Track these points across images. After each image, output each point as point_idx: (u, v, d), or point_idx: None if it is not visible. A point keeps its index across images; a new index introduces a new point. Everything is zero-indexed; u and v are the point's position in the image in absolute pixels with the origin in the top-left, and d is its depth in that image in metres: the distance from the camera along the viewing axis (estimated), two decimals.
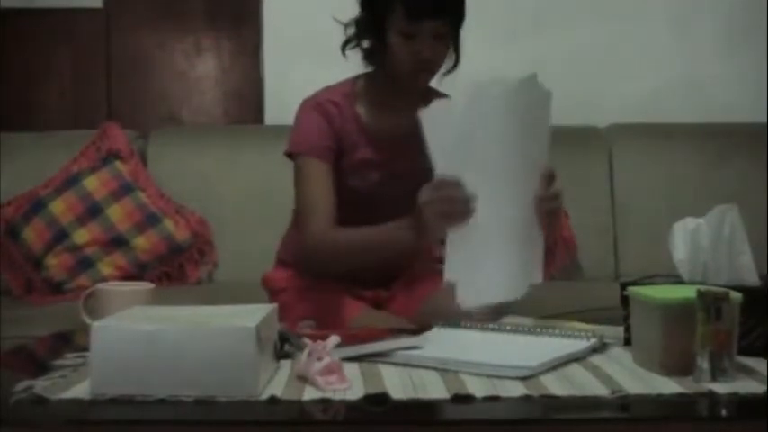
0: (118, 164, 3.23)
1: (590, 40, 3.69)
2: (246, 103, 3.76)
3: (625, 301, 1.78)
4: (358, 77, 2.28)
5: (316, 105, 2.22)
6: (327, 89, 2.27)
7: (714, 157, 3.41)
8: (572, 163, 3.40)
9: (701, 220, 1.89)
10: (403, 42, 2.10)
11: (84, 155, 3.26)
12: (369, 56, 2.23)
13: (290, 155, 2.23)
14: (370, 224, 2.17)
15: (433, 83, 2.24)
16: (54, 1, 3.68)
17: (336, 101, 2.22)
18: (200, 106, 3.78)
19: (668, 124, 3.54)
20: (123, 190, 3.17)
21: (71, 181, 3.16)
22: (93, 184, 3.16)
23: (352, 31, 2.21)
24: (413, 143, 2.19)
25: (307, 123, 2.21)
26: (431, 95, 2.27)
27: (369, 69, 2.26)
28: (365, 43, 2.21)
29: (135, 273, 3.08)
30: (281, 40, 3.67)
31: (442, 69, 2.21)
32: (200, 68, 3.77)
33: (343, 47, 2.22)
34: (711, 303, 1.53)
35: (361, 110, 2.25)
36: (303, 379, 1.54)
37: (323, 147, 2.19)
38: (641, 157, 3.45)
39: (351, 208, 2.20)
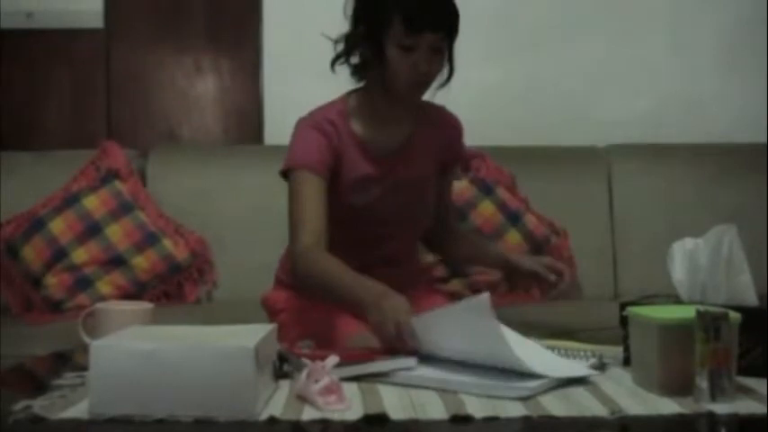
0: (117, 183, 3.23)
1: (589, 59, 3.70)
2: (246, 121, 3.76)
3: (624, 320, 1.78)
4: (349, 94, 2.29)
5: (314, 124, 2.22)
6: (322, 108, 2.27)
7: (713, 177, 3.41)
8: (570, 182, 3.41)
9: (699, 240, 1.89)
10: (402, 55, 2.12)
11: (84, 174, 3.26)
12: (358, 71, 2.24)
13: (285, 172, 2.22)
14: (373, 236, 2.23)
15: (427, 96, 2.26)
16: (54, 21, 3.69)
17: (333, 119, 2.23)
18: (199, 125, 3.78)
19: (667, 144, 3.55)
20: (123, 209, 3.17)
21: (70, 200, 3.17)
22: (92, 203, 3.16)
23: (341, 46, 2.22)
24: (408, 153, 2.29)
25: (304, 140, 2.21)
26: (425, 108, 2.32)
27: (359, 85, 2.27)
28: (354, 59, 2.22)
29: (134, 292, 3.07)
30: (280, 60, 3.68)
31: (436, 83, 2.22)
32: (200, 87, 3.78)
33: (333, 62, 2.23)
34: (710, 323, 1.53)
35: (356, 126, 2.26)
36: (302, 399, 1.54)
37: (320, 162, 2.18)
38: (640, 176, 3.45)
39: (354, 223, 2.23)
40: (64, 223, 3.12)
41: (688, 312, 1.59)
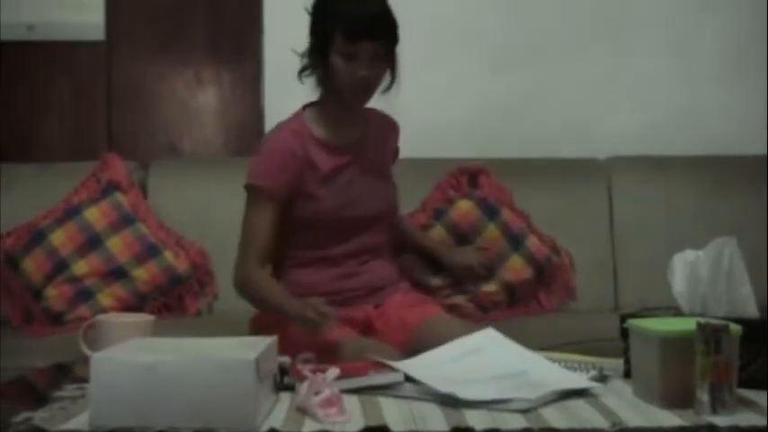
0: (118, 195, 3.23)
1: (589, 72, 3.71)
2: (247, 133, 3.76)
3: (625, 333, 1.78)
4: (304, 108, 2.51)
5: (279, 138, 2.45)
6: (284, 122, 2.51)
7: (713, 189, 3.41)
8: (571, 194, 3.41)
9: (700, 252, 1.89)
10: (343, 62, 2.34)
11: (85, 186, 3.26)
12: (321, 82, 2.45)
13: (248, 186, 2.46)
14: (350, 228, 2.45)
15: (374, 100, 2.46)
16: (55, 33, 3.70)
17: (295, 128, 2.45)
18: (200, 137, 3.79)
19: (667, 156, 3.55)
20: (123, 221, 3.17)
21: (71, 212, 3.17)
22: (93, 215, 3.16)
23: (306, 60, 2.45)
24: (365, 148, 2.51)
25: (268, 157, 2.45)
26: (372, 114, 2.56)
27: (319, 94, 2.48)
28: (318, 71, 2.43)
29: (135, 304, 3.07)
30: (281, 72, 3.68)
31: (381, 88, 2.43)
32: (201, 99, 3.79)
33: (299, 75, 2.45)
34: (711, 335, 1.53)
35: (315, 131, 2.46)
36: (303, 411, 1.54)
37: (280, 181, 2.41)
38: (640, 188, 3.45)
39: (331, 219, 2.43)
40: (64, 235, 3.12)
41: (689, 325, 1.59)
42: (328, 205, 2.43)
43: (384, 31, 2.36)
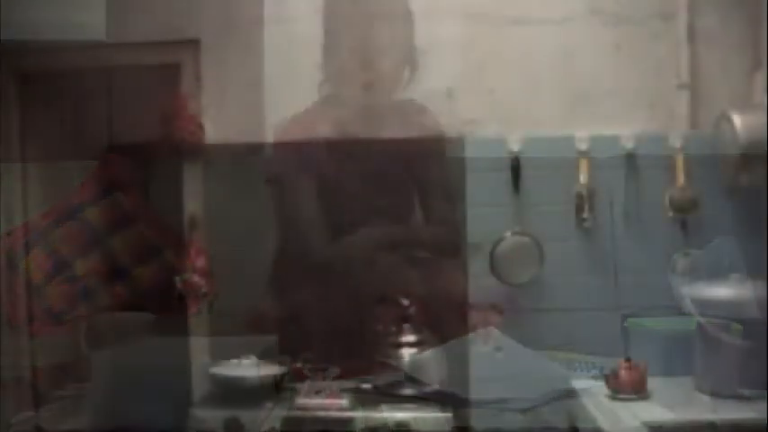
0: (119, 195, 3.23)
1: (591, 73, 3.70)
2: (247, 134, 3.76)
3: (625, 333, 1.78)
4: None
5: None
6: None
7: (713, 189, 3.41)
8: (572, 193, 3.41)
9: (700, 252, 1.90)
10: None
11: (86, 186, 3.26)
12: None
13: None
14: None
15: None
16: (56, 33, 3.69)
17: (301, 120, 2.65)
18: (200, 137, 3.78)
19: (667, 156, 3.54)
20: (124, 221, 3.17)
21: (72, 211, 3.17)
22: (93, 214, 3.16)
23: None
24: (369, 142, 2.63)
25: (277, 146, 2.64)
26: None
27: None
28: None
29: (135, 303, 3.07)
30: (281, 72, 3.68)
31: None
32: (201, 99, 3.78)
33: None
34: (711, 335, 1.54)
35: (323, 127, 2.67)
36: (303, 411, 1.54)
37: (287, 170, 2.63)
38: (642, 187, 3.45)
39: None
40: (65, 234, 3.12)
41: (689, 325, 1.59)
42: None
43: None
